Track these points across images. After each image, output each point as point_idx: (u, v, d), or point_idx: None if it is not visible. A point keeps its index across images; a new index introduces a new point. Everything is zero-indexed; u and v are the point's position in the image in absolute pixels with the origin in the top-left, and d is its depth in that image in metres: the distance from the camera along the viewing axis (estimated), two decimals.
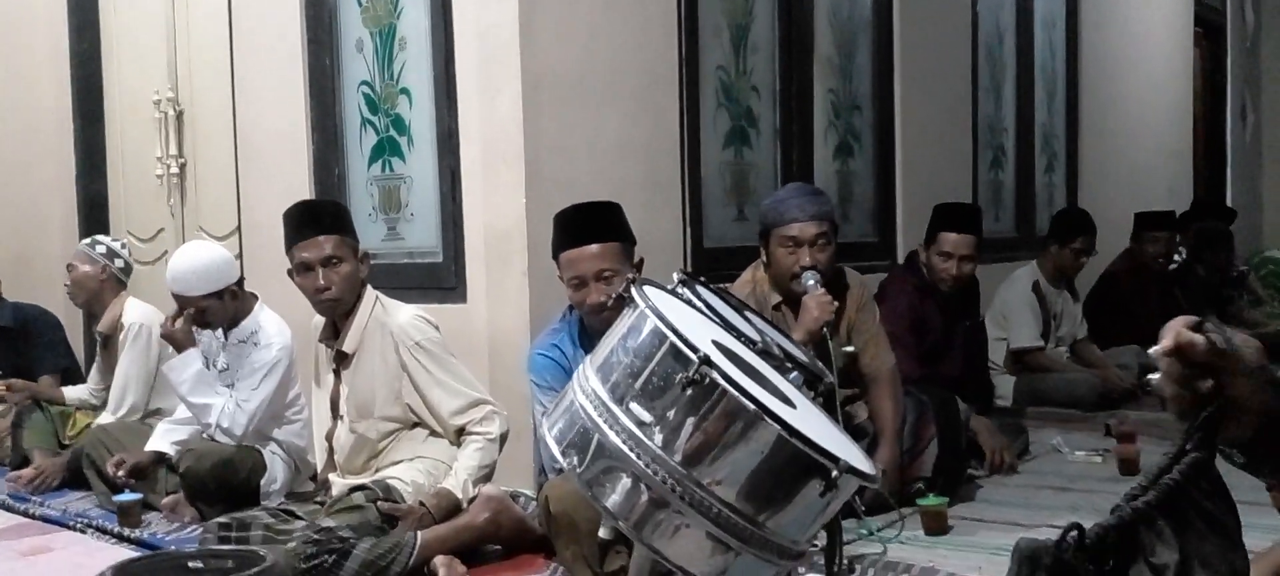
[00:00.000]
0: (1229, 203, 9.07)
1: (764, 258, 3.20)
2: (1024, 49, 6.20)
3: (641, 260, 2.81)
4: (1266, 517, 3.11)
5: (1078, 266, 5.08)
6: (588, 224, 2.77)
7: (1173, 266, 5.95)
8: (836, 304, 3.04)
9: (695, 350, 1.41)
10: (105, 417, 4.05)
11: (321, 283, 2.98)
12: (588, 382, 1.52)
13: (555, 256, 2.81)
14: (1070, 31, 6.70)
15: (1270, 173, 9.85)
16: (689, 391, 1.41)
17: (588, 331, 2.76)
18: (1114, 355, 5.19)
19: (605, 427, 1.46)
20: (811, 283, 3.01)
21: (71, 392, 4.38)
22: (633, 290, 1.56)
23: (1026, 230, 6.19)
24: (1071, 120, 6.73)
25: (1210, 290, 6.34)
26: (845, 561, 2.60)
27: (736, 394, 1.40)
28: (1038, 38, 6.34)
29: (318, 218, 3.07)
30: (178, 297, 3.49)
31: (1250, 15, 9.59)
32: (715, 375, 1.40)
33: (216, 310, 3.49)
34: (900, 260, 4.76)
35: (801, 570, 2.59)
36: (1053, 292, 5.06)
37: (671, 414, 1.43)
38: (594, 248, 2.71)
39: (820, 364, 2.03)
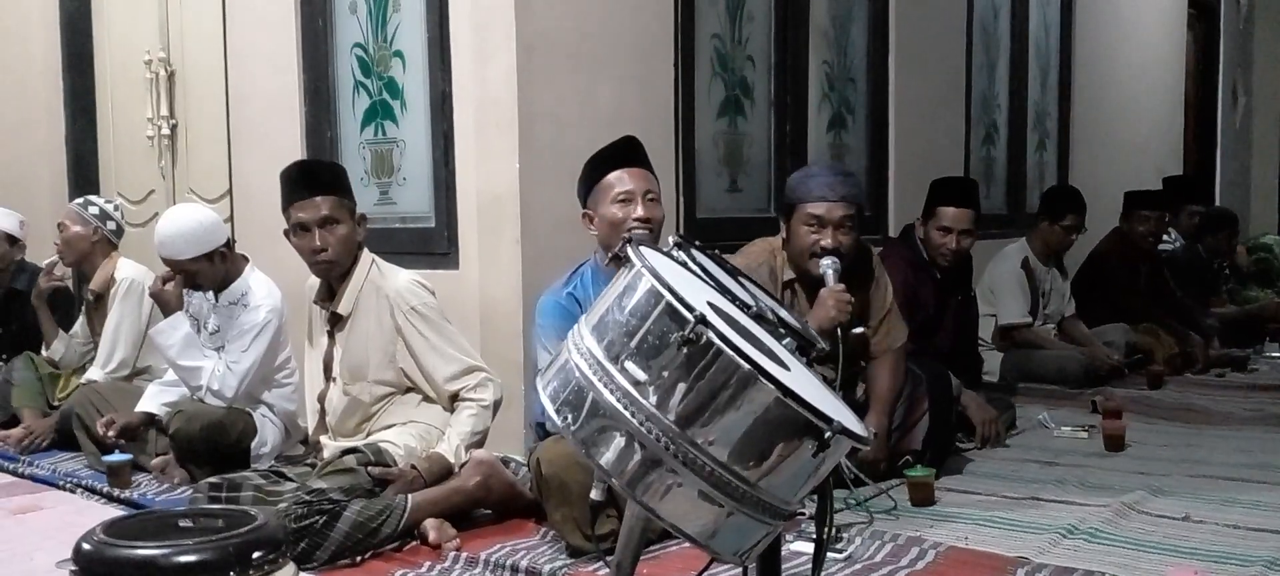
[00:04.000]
0: (1218, 183, 9.11)
1: (784, 232, 3.15)
2: (1018, 26, 6.20)
3: None
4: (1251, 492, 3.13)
5: (1067, 244, 5.11)
6: (628, 151, 2.86)
7: (1163, 246, 5.98)
8: (853, 302, 2.97)
9: (691, 310, 1.42)
10: (94, 372, 4.04)
11: (318, 244, 2.97)
12: (583, 342, 1.53)
13: (589, 188, 2.84)
14: (1065, 9, 6.70)
15: (1260, 154, 9.88)
16: (684, 351, 1.42)
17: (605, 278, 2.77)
18: (1101, 333, 5.23)
19: (600, 386, 1.47)
20: (831, 274, 2.95)
21: (57, 344, 4.34)
22: (629, 250, 1.56)
23: (1017, 207, 6.21)
24: (1064, 98, 6.74)
25: (1203, 271, 6.38)
26: (833, 529, 2.62)
27: (731, 353, 1.40)
28: (1032, 15, 6.34)
29: (315, 178, 3.05)
30: (167, 261, 3.48)
31: None
32: (711, 335, 1.41)
33: (206, 272, 3.48)
34: (892, 234, 4.77)
35: (789, 537, 2.62)
36: (1042, 270, 5.09)
37: (666, 373, 1.44)
38: (639, 169, 2.83)
39: (812, 331, 2.04)
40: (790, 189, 3.15)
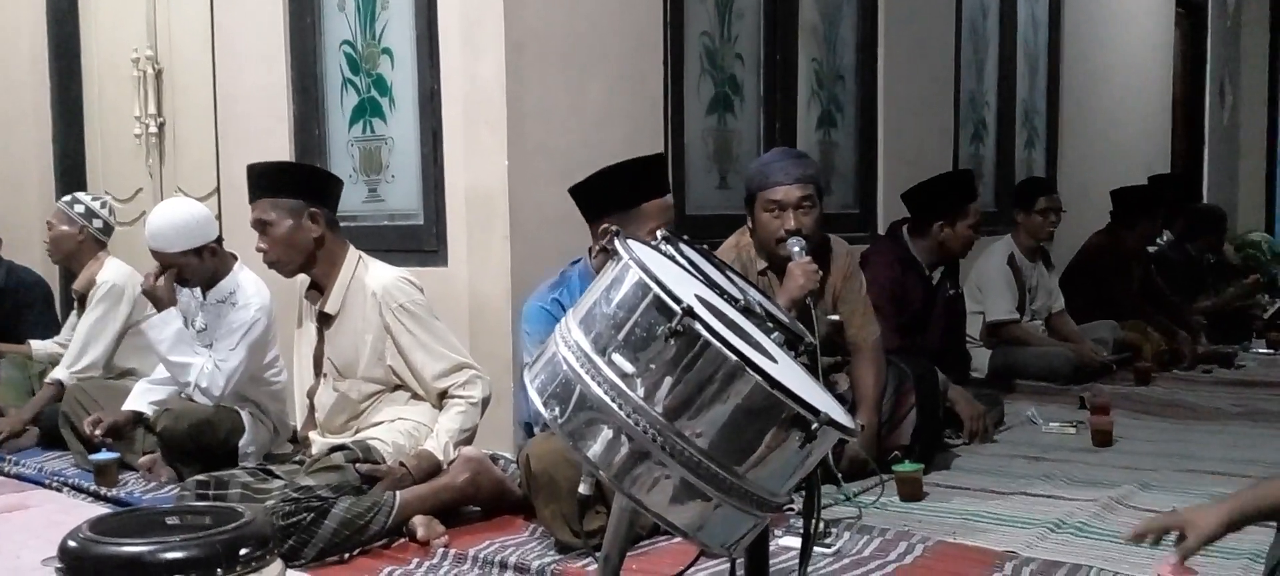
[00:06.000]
0: (1206, 181, 9.15)
1: (749, 223, 3.20)
2: (1007, 24, 6.22)
3: None
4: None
5: (1047, 231, 5.08)
6: (665, 178, 2.89)
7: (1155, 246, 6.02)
8: (821, 272, 3.04)
9: (678, 302, 1.42)
10: (60, 371, 4.01)
11: (258, 245, 3.01)
12: (570, 334, 1.53)
13: (625, 207, 2.78)
14: (1053, 8, 6.72)
15: (1247, 153, 9.94)
16: (671, 343, 1.42)
17: None
18: (1089, 329, 5.24)
19: (587, 379, 1.47)
20: (797, 250, 3.00)
21: (39, 346, 4.34)
22: (616, 243, 1.57)
23: (1006, 205, 6.21)
24: (1052, 97, 6.76)
25: (1191, 269, 6.41)
26: (821, 524, 2.62)
27: (719, 345, 1.40)
28: (1021, 13, 6.36)
29: (251, 181, 3.07)
30: (156, 254, 3.47)
31: None
32: (698, 326, 1.41)
33: (195, 267, 3.47)
34: (881, 231, 4.78)
35: (778, 532, 2.62)
36: (1028, 265, 5.10)
37: (654, 365, 1.44)
38: (669, 199, 2.87)
39: (801, 326, 2.04)
40: (749, 180, 3.21)
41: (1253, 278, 6.50)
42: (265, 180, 3.05)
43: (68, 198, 4.26)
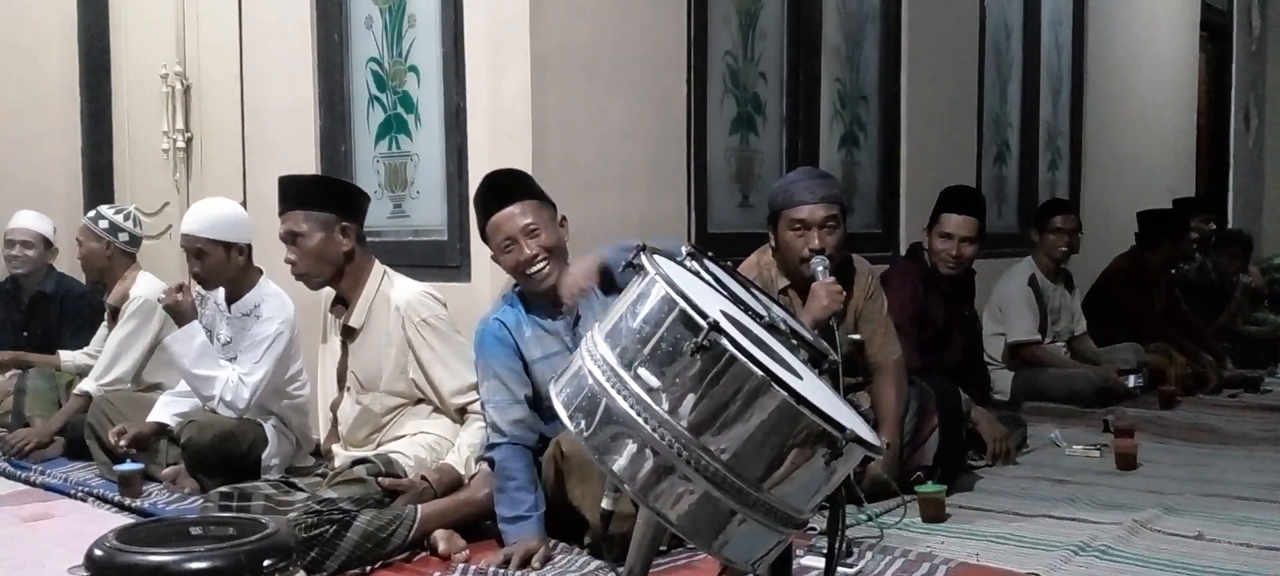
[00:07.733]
0: (1230, 205, 9.08)
1: (772, 241, 3.20)
2: (1030, 45, 6.21)
3: (564, 218, 2.96)
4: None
5: (1064, 250, 5.03)
6: (501, 189, 2.91)
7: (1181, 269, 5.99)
8: (845, 293, 3.04)
9: (705, 316, 1.42)
10: (87, 383, 4.05)
11: (287, 257, 3.03)
12: (596, 348, 1.54)
13: (483, 236, 2.93)
14: (1077, 30, 6.71)
15: (1273, 177, 9.85)
16: (697, 358, 1.42)
17: (531, 300, 2.90)
18: (1112, 352, 5.20)
19: (613, 393, 1.47)
20: (821, 270, 3.00)
21: (68, 357, 4.40)
22: (643, 258, 1.57)
23: (1029, 226, 6.19)
24: (1076, 118, 6.74)
25: (1214, 292, 6.35)
26: (844, 544, 2.61)
27: (745, 361, 1.41)
28: (1044, 34, 6.35)
29: (283, 193, 3.09)
30: (185, 238, 3.51)
31: (1256, 20, 9.59)
32: (724, 342, 1.41)
33: (215, 261, 3.49)
34: (903, 251, 4.78)
35: (800, 551, 2.61)
36: (1049, 286, 5.07)
37: (679, 380, 1.44)
38: (514, 207, 2.86)
39: (825, 343, 2.04)
40: (773, 198, 3.21)
41: (1236, 281, 6.40)
42: (297, 192, 3.08)
43: (91, 213, 4.30)
